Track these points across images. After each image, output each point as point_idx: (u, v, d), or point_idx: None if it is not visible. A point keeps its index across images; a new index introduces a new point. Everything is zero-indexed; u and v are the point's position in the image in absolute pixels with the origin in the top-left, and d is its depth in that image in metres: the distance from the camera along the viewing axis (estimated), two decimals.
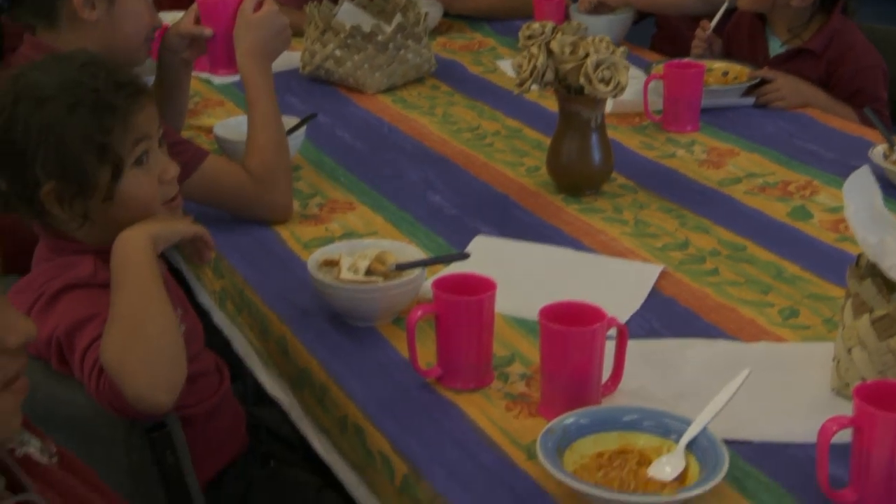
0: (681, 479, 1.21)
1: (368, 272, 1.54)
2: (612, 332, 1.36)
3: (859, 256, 1.39)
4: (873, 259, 1.35)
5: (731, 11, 2.59)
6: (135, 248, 1.33)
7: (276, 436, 1.69)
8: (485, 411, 1.36)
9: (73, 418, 1.30)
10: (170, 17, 2.34)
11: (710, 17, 2.57)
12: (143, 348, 1.26)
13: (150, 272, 1.33)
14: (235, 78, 1.98)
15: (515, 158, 2.16)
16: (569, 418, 1.28)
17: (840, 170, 1.96)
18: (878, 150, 2.01)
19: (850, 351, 1.33)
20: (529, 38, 1.92)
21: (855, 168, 1.47)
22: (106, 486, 1.09)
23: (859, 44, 2.44)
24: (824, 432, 1.16)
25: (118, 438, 1.30)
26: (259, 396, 1.70)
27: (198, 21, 1.96)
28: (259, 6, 1.91)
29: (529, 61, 1.90)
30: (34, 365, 1.24)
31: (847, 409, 1.19)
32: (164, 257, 1.46)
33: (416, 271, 1.56)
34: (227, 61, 1.95)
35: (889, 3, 5.57)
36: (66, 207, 1.36)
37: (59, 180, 1.34)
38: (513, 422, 1.34)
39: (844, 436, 1.17)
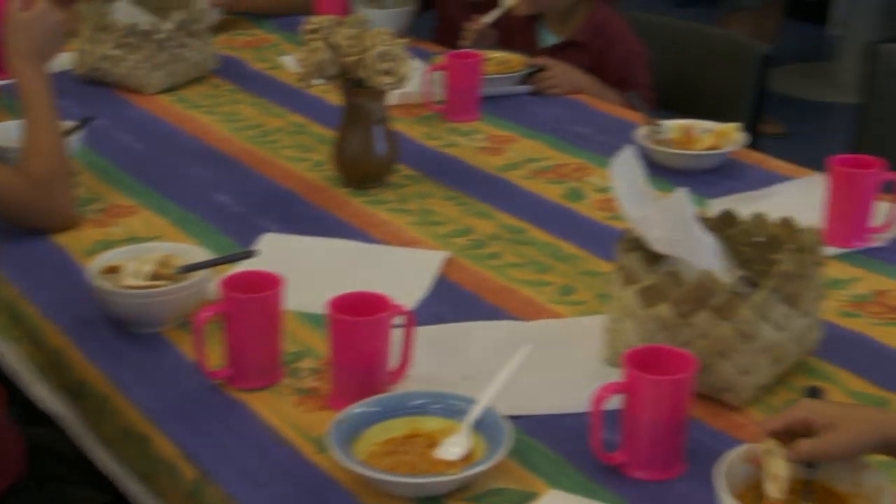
0: (468, 457, 1.23)
1: (153, 277, 1.51)
2: (402, 319, 1.38)
3: (626, 231, 1.45)
4: (639, 232, 1.43)
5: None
6: None
7: (55, 455, 1.61)
8: (274, 408, 1.35)
9: None
10: None
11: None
12: None
13: None
14: (8, 82, 1.90)
15: (301, 154, 2.15)
16: (357, 408, 1.28)
17: (609, 152, 1.98)
18: (642, 132, 2.10)
19: (619, 321, 1.39)
20: (312, 31, 1.91)
21: (622, 149, 1.53)
22: None
23: (622, 32, 2.54)
24: (596, 400, 1.21)
25: None
26: (34, 416, 1.63)
27: None
28: (28, 5, 1.84)
29: (312, 55, 1.89)
30: None
31: (618, 377, 1.24)
32: None
33: (202, 273, 1.53)
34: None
35: None
36: None
37: None
38: (302, 416, 1.34)
39: (617, 403, 1.22)
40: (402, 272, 1.68)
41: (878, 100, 2.42)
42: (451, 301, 1.61)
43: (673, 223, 1.41)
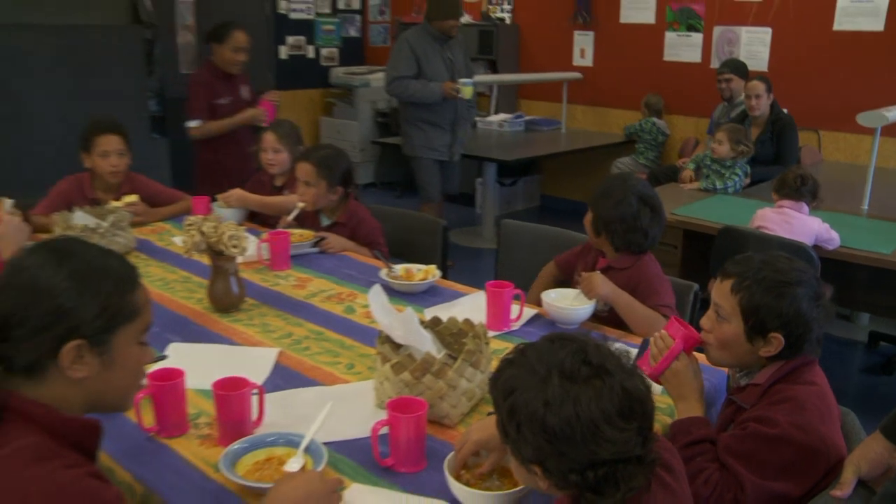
0: (303, 468, 1.22)
1: None
2: (257, 390, 1.37)
3: (380, 332, 1.51)
4: (387, 332, 1.50)
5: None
6: None
7: None
8: (186, 447, 1.33)
9: None
10: None
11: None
12: None
13: None
14: None
15: (190, 294, 2.07)
16: (235, 444, 1.28)
17: (367, 284, 2.07)
18: (384, 272, 2.10)
19: (382, 383, 1.43)
20: (189, 224, 1.92)
21: (374, 283, 1.62)
22: None
23: (367, 216, 2.55)
24: (374, 429, 1.27)
25: None
26: None
27: None
28: None
29: (191, 238, 1.90)
30: None
31: (385, 416, 1.29)
32: None
33: None
34: None
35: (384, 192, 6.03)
36: None
37: None
38: (204, 451, 1.32)
39: (386, 430, 1.28)
40: (254, 362, 1.64)
41: (503, 248, 2.63)
42: (284, 377, 1.58)
43: (406, 326, 1.49)
